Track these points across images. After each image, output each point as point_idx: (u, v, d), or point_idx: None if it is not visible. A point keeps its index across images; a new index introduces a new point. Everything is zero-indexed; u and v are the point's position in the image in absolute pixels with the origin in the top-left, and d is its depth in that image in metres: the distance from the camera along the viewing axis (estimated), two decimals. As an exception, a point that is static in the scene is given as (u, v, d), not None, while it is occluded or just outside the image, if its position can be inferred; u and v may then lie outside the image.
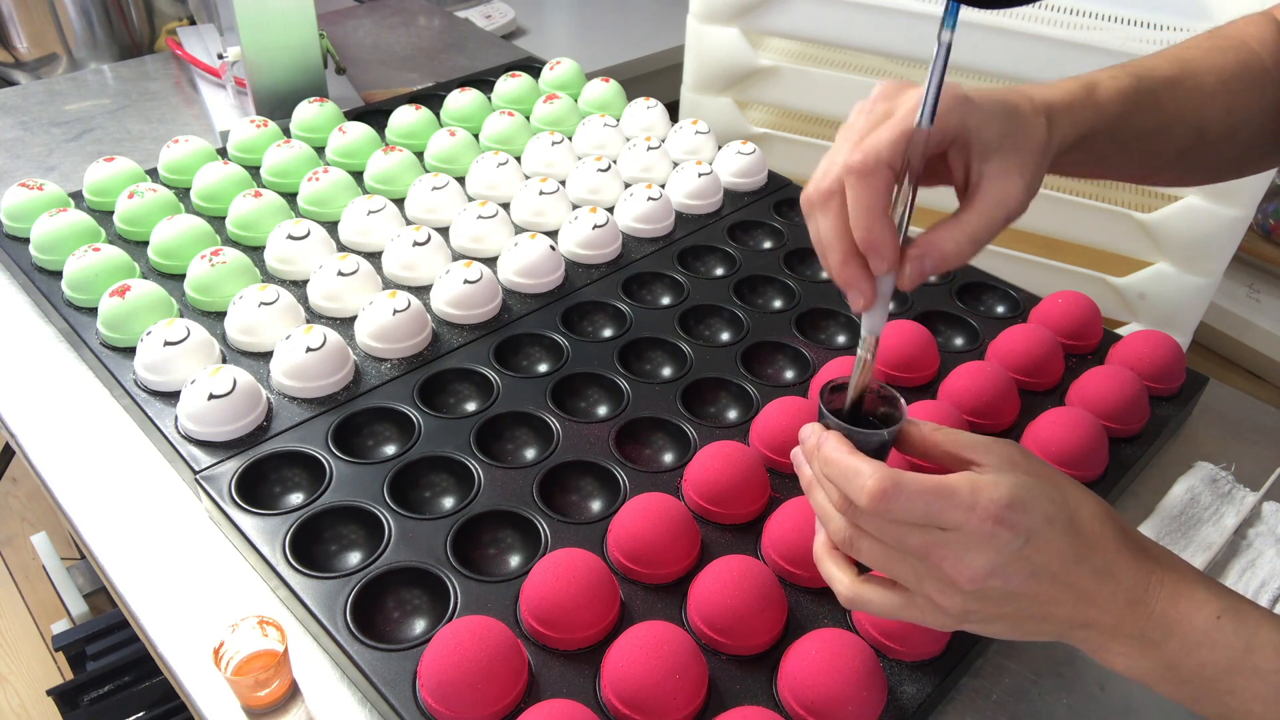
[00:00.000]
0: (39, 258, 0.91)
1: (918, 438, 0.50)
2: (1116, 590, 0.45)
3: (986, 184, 0.48)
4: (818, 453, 0.48)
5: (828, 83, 1.22)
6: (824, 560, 0.51)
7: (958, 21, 0.43)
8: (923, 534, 0.45)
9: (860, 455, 0.46)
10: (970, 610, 0.46)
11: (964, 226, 0.48)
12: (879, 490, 0.44)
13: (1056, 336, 0.84)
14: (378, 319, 0.80)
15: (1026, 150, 0.49)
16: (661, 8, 1.95)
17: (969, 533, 0.44)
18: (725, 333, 0.89)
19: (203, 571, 0.68)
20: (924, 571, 0.46)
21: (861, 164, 0.46)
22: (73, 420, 0.80)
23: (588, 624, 0.60)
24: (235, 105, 1.25)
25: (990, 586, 0.45)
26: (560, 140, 1.08)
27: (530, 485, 0.70)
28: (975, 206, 0.48)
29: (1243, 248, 1.19)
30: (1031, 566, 0.45)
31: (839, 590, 0.49)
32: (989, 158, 0.49)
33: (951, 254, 0.48)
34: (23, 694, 1.56)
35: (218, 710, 0.61)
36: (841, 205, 0.47)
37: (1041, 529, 0.45)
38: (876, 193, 0.46)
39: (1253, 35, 0.62)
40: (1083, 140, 0.53)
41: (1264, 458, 0.82)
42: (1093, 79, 0.55)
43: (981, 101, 0.49)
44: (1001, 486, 0.44)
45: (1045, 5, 1.08)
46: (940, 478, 0.45)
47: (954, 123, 0.48)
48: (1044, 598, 0.45)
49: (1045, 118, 0.51)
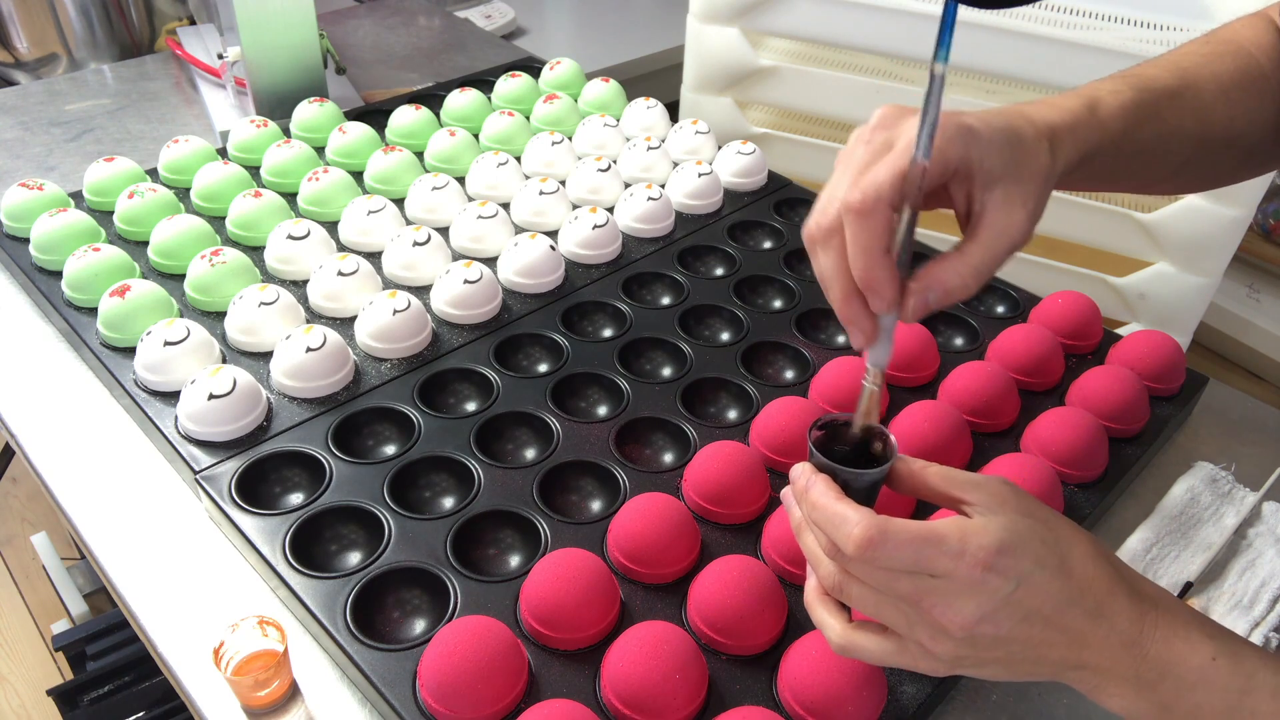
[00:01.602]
0: (39, 258, 0.91)
1: (908, 475, 0.49)
2: (1110, 632, 0.45)
3: (989, 215, 0.48)
4: (805, 497, 0.47)
5: (828, 83, 1.22)
6: (815, 607, 0.50)
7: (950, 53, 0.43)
8: (912, 581, 0.44)
9: (847, 501, 0.46)
10: (962, 656, 0.45)
11: (967, 259, 0.48)
12: (866, 539, 0.43)
13: (1056, 336, 0.84)
14: (378, 319, 0.80)
15: (1029, 178, 0.49)
16: (661, 8, 1.95)
17: (959, 580, 0.43)
18: (725, 333, 0.89)
19: (203, 571, 0.68)
20: (915, 618, 0.45)
21: (860, 204, 0.45)
22: (73, 420, 0.80)
23: (588, 624, 0.60)
24: (235, 105, 1.25)
25: (982, 633, 0.44)
26: (560, 140, 1.08)
27: (530, 485, 0.70)
28: (978, 238, 0.48)
29: (1243, 248, 1.18)
30: (1023, 611, 0.44)
31: (831, 638, 0.49)
32: (991, 188, 0.48)
33: (956, 288, 0.47)
34: (23, 694, 1.56)
35: (218, 710, 0.61)
36: (842, 243, 0.47)
37: (1032, 573, 0.44)
38: (875, 233, 0.46)
39: (1250, 39, 0.62)
40: (1086, 159, 0.53)
41: (1264, 458, 0.82)
42: (1094, 95, 0.54)
43: (983, 131, 0.48)
44: (991, 531, 0.44)
45: (1045, 5, 1.08)
46: (928, 524, 0.44)
47: (956, 154, 0.47)
48: (1036, 641, 0.45)
49: (1048, 142, 0.50)
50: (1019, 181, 0.48)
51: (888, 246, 0.46)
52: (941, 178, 0.48)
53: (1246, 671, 0.44)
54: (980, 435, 0.77)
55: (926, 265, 0.48)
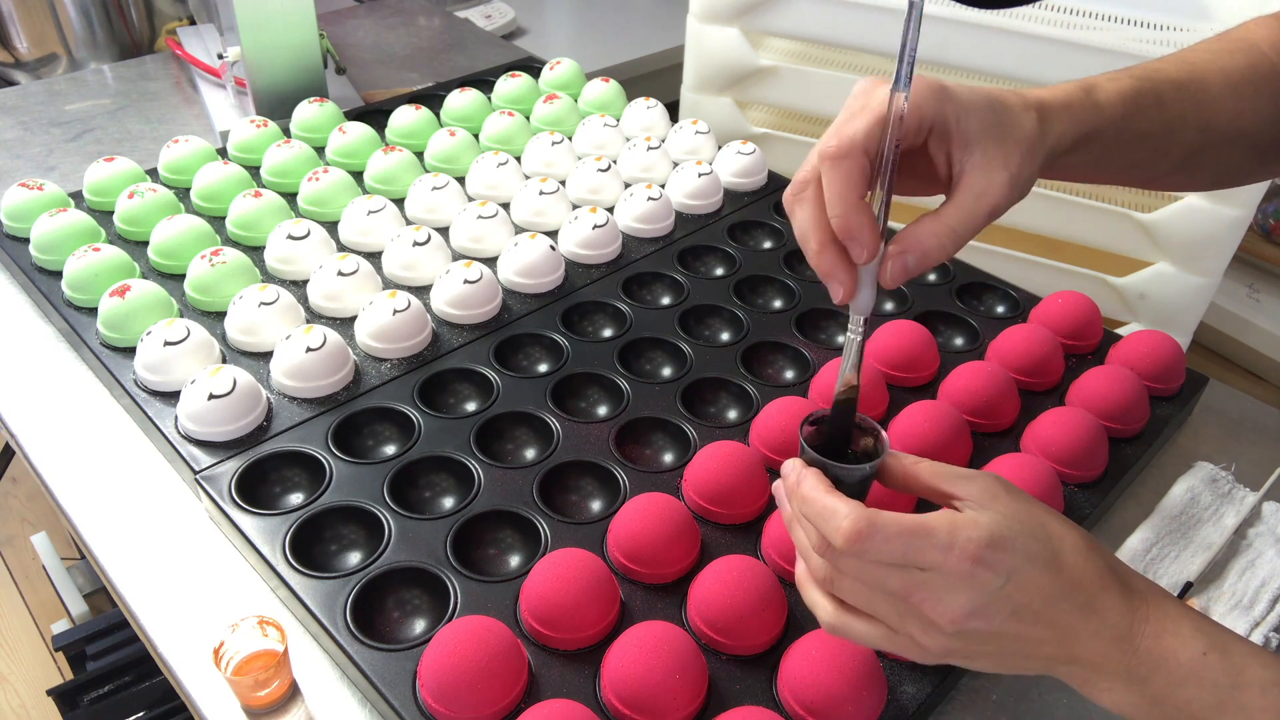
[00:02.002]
0: (39, 258, 0.91)
1: (899, 470, 0.49)
2: (1101, 627, 0.45)
3: (967, 177, 0.48)
4: (795, 491, 0.47)
5: (828, 83, 1.22)
6: (806, 586, 0.50)
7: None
8: (902, 575, 0.44)
9: (837, 494, 0.46)
10: (953, 649, 0.45)
11: (944, 220, 0.47)
12: (854, 532, 0.43)
13: (1056, 336, 0.84)
14: (378, 319, 0.80)
15: (1012, 142, 0.48)
16: (661, 8, 1.94)
17: (948, 573, 0.43)
18: (725, 333, 0.89)
19: (203, 571, 0.68)
20: (905, 612, 0.45)
21: (836, 149, 0.45)
22: (73, 420, 0.80)
23: (588, 624, 0.60)
24: (235, 105, 1.25)
25: (972, 627, 0.44)
26: (560, 140, 1.08)
27: (530, 485, 0.70)
28: (955, 200, 0.48)
29: (1243, 248, 1.18)
30: (1013, 605, 0.44)
31: (822, 618, 0.49)
32: (970, 149, 0.48)
33: (932, 249, 0.47)
34: (23, 694, 1.56)
35: (218, 710, 0.61)
36: (818, 193, 0.47)
37: (1022, 567, 0.44)
38: (850, 178, 0.45)
39: (1264, 38, 0.61)
40: (1082, 141, 0.53)
41: (1264, 458, 0.82)
42: (1091, 80, 0.54)
43: (961, 93, 0.48)
44: (980, 525, 0.44)
45: (1045, 5, 1.08)
46: (918, 517, 0.44)
47: (931, 110, 0.47)
48: (1027, 636, 0.45)
49: (1036, 113, 0.50)
50: (1000, 144, 0.48)
51: (864, 193, 0.46)
52: (918, 135, 0.48)
53: (1237, 667, 0.44)
54: (980, 435, 0.77)
55: (905, 229, 0.47)
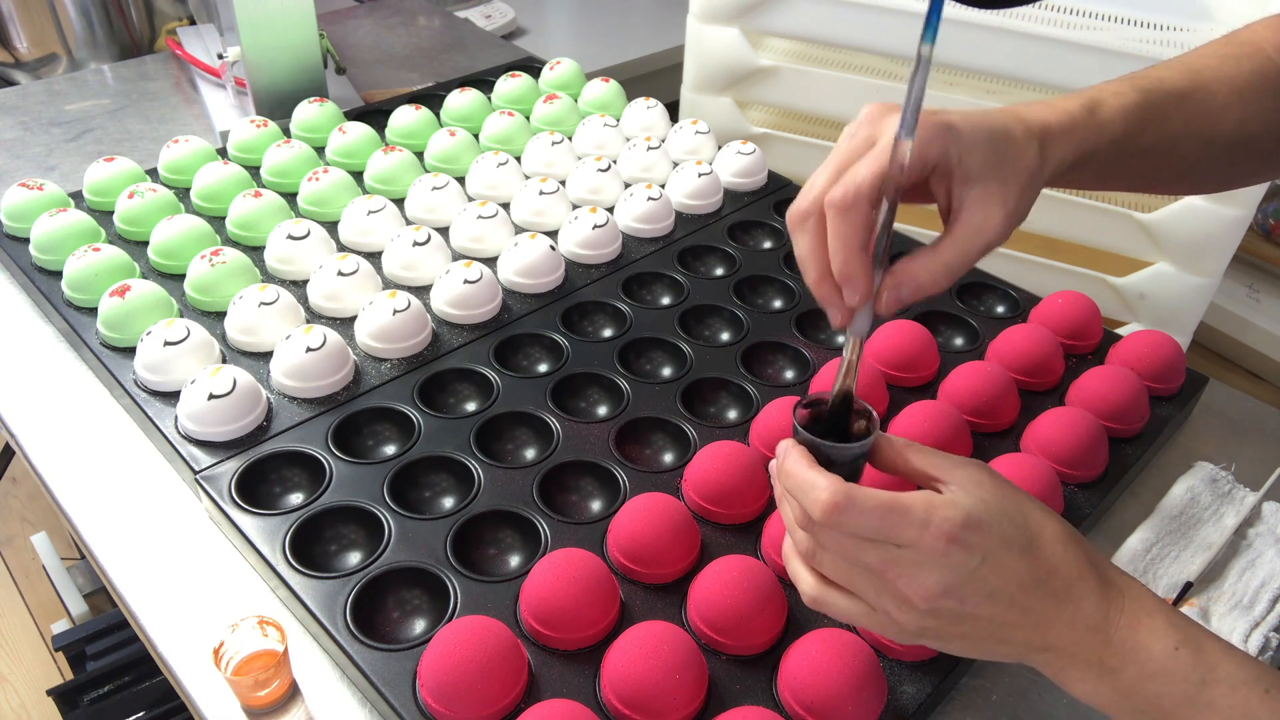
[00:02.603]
0: (39, 258, 0.91)
1: (890, 454, 0.50)
2: (1075, 615, 0.45)
3: (966, 213, 0.49)
4: (782, 466, 0.48)
5: (828, 83, 1.22)
6: (790, 559, 0.51)
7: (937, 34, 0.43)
8: (879, 550, 0.45)
9: (818, 469, 0.46)
10: (927, 628, 0.46)
11: (940, 256, 0.48)
12: (831, 503, 0.44)
13: (1056, 336, 0.84)
14: (378, 319, 0.80)
15: (1012, 176, 0.49)
16: (661, 8, 1.95)
17: (922, 550, 0.44)
18: (725, 333, 0.89)
19: (203, 571, 0.68)
20: (881, 587, 0.46)
21: (841, 199, 0.46)
22: (73, 420, 0.80)
23: (588, 624, 0.60)
24: (235, 105, 1.25)
25: (945, 606, 0.44)
26: (560, 140, 1.08)
27: (530, 485, 0.70)
28: (953, 236, 0.49)
29: (1243, 248, 1.18)
30: (988, 588, 0.44)
31: (804, 591, 0.49)
32: (970, 185, 0.48)
33: (926, 283, 0.48)
34: (23, 694, 1.56)
35: (218, 710, 0.61)
36: (819, 226, 0.48)
37: (998, 550, 0.44)
38: (854, 228, 0.46)
39: (1269, 40, 0.60)
40: (1081, 161, 0.53)
41: (1264, 458, 0.82)
42: (1096, 96, 0.54)
43: (965, 129, 0.48)
44: (958, 506, 0.44)
45: (1045, 5, 1.08)
46: (896, 495, 0.45)
47: (935, 152, 0.48)
48: (1001, 620, 0.45)
49: (1038, 142, 0.50)
50: (1000, 181, 0.49)
51: (865, 242, 0.47)
52: (921, 174, 0.49)
53: (1208, 663, 0.44)
54: (980, 435, 0.77)
55: (901, 260, 0.48)
